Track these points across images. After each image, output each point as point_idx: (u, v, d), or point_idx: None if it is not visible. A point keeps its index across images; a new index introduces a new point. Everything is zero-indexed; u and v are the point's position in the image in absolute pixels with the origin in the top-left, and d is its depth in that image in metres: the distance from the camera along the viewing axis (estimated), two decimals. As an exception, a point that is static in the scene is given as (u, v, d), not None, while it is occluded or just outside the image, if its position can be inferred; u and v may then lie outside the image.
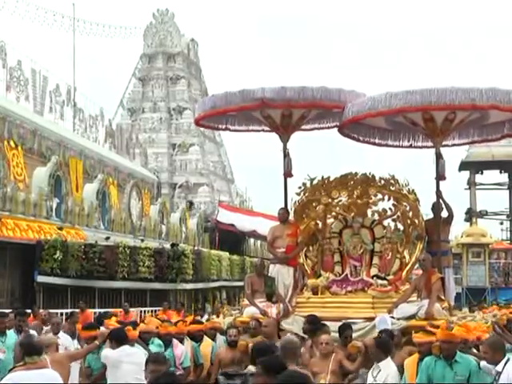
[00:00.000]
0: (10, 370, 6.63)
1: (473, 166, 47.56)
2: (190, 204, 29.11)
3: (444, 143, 12.53)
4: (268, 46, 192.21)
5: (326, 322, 9.56)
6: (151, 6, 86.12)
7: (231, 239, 40.86)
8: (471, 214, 47.17)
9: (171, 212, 39.65)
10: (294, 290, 11.59)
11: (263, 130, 13.51)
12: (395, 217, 11.72)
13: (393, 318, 10.06)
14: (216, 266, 31.88)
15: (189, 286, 28.02)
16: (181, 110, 58.65)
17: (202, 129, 59.09)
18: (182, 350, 9.58)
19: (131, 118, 58.11)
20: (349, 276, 11.43)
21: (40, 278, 21.73)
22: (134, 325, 9.72)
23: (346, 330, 9.15)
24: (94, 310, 20.72)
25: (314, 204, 12.10)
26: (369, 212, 11.89)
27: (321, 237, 11.96)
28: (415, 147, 13.76)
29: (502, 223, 51.89)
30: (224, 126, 13.72)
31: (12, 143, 24.48)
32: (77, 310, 15.05)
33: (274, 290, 11.36)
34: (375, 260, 11.50)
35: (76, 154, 31.36)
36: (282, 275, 11.63)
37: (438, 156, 11.54)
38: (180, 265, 26.41)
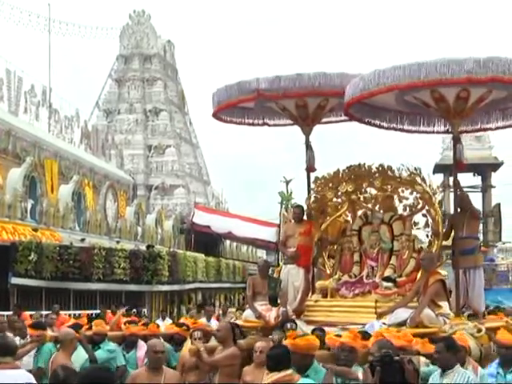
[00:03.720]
0: None
1: (447, 169, 47.76)
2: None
3: (471, 128, 11.85)
4: (245, 46, 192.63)
5: (329, 328, 8.87)
6: (127, 7, 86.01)
7: (207, 241, 40.80)
8: (445, 216, 47.47)
9: (147, 213, 39.62)
10: (304, 292, 10.88)
11: (284, 124, 12.73)
12: (424, 211, 10.39)
13: (384, 324, 9.03)
14: (191, 268, 31.85)
15: (164, 288, 27.95)
16: (157, 112, 58.62)
17: (177, 130, 59.34)
18: (144, 351, 9.45)
19: (107, 119, 57.93)
20: (364, 277, 10.54)
21: (14, 280, 21.57)
22: (78, 327, 9.66)
23: (313, 333, 8.29)
24: (68, 312, 20.64)
25: (332, 200, 11.22)
26: (401, 207, 10.64)
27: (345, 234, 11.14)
28: (437, 132, 12.43)
29: (475, 225, 52.23)
30: (244, 120, 12.75)
31: (-14, 144, 24.35)
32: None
33: (278, 292, 10.68)
34: (393, 260, 10.40)
35: (51, 155, 31.23)
36: (292, 276, 10.91)
37: (456, 140, 10.20)
38: (155, 266, 26.32)
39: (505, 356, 7.25)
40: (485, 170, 48.74)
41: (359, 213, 11.20)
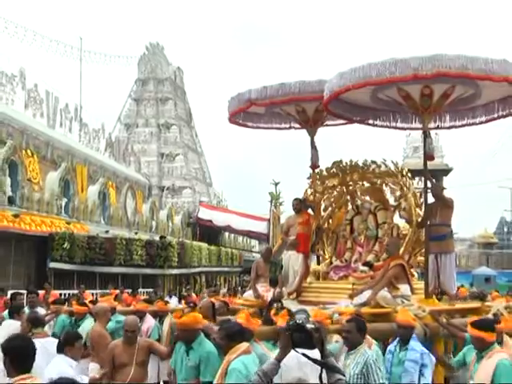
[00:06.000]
0: None
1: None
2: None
3: (460, 123, 10.66)
4: (242, 70, 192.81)
5: (312, 307, 8.03)
6: (145, 40, 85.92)
7: (209, 232, 40.86)
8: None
9: (160, 210, 39.54)
10: (302, 275, 10.23)
11: (293, 128, 11.91)
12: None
13: (351, 304, 8.39)
14: (197, 255, 31.87)
15: (174, 272, 28.02)
16: (168, 126, 58.59)
17: (185, 141, 59.28)
18: (148, 325, 9.24)
19: (127, 131, 57.84)
20: (352, 262, 9.90)
21: (51, 264, 21.65)
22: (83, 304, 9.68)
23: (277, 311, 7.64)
24: (95, 291, 20.71)
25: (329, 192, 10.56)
26: (392, 198, 9.81)
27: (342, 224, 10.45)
28: (408, 129, 11.36)
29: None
30: (259, 125, 12.10)
31: (29, 152, 24.32)
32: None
33: (278, 275, 10.32)
34: (376, 246, 9.73)
35: (81, 161, 31.17)
36: (293, 261, 10.30)
37: (425, 135, 9.23)
38: (167, 254, 26.39)
39: (401, 334, 6.55)
40: (438, 174, 48.75)
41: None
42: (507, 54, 8.46)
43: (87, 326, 8.47)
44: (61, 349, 5.80)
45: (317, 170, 10.94)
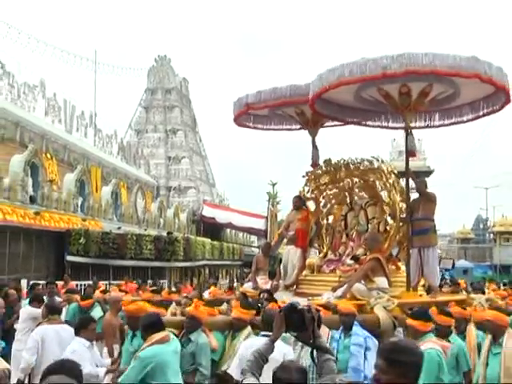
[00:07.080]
0: (38, 325, 6.78)
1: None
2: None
3: (448, 121, 10.00)
4: (246, 79, 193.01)
5: (302, 298, 7.82)
6: (153, 52, 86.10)
7: (212, 229, 40.91)
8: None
9: (167, 208, 39.65)
10: (300, 268, 9.90)
11: (302, 128, 11.19)
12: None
13: (332, 296, 8.08)
14: (201, 249, 31.93)
15: (180, 264, 28.12)
16: (175, 131, 58.73)
17: (190, 145, 59.41)
18: None
19: (137, 136, 57.98)
20: (344, 256, 9.49)
21: (69, 258, 21.77)
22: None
23: (260, 295, 7.80)
24: (108, 282, 20.84)
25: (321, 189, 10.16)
26: (384, 194, 9.27)
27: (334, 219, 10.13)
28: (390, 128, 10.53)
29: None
30: (269, 127, 11.62)
31: (48, 155, 24.44)
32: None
33: (276, 268, 10.14)
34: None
35: (96, 163, 31.29)
36: (292, 255, 9.97)
37: (406, 133, 8.69)
38: (174, 248, 26.47)
39: (344, 322, 6.33)
40: (421, 175, 48.71)
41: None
42: (493, 54, 7.92)
43: (96, 314, 8.54)
44: (77, 332, 5.97)
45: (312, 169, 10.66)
